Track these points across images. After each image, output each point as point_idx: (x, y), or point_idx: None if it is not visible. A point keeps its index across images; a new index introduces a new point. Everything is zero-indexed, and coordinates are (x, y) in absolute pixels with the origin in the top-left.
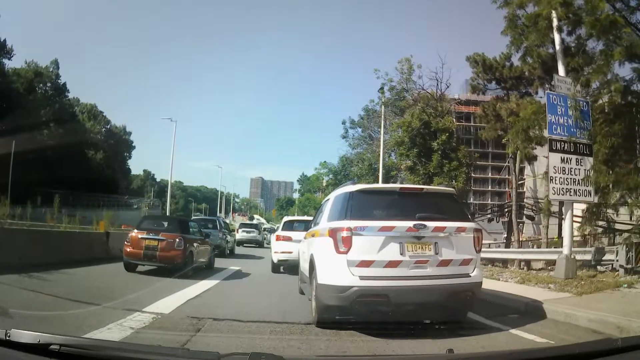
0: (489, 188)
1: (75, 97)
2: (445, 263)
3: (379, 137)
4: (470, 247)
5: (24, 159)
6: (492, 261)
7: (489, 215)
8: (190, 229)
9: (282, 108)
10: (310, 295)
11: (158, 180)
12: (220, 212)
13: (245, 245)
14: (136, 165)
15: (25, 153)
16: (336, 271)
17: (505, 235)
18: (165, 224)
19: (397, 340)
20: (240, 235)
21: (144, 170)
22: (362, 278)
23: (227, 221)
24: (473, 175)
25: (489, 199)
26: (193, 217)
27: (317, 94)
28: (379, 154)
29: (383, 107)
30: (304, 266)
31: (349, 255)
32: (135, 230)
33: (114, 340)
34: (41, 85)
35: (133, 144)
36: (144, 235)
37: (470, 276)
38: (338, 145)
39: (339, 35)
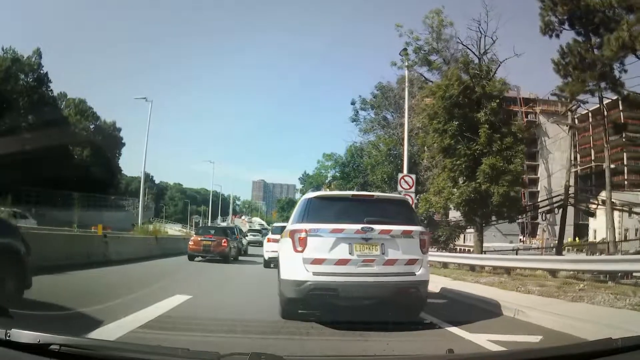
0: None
1: (63, 92)
2: (391, 262)
3: (395, 120)
4: (416, 248)
5: None
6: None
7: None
8: (229, 234)
9: (284, 109)
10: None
11: (157, 182)
12: (216, 215)
13: (251, 244)
14: (135, 167)
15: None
16: (294, 268)
17: (524, 237)
18: (214, 231)
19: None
20: (249, 237)
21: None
22: (315, 274)
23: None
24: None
25: None
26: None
27: (318, 93)
28: (397, 137)
29: (407, 71)
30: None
31: (305, 254)
32: (195, 235)
33: (114, 340)
34: (22, 76)
35: (123, 141)
36: (202, 238)
37: (415, 275)
38: (345, 135)
39: (341, 28)
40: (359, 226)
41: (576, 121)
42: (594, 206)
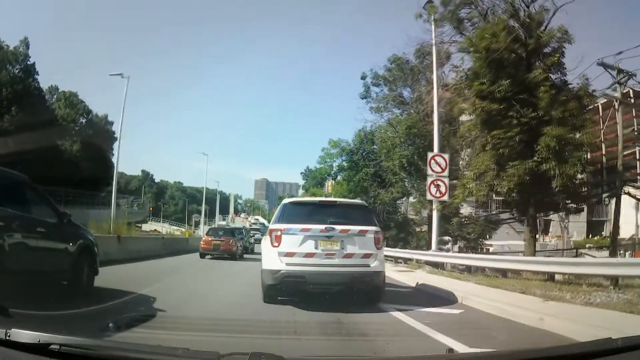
0: None
1: (54, 85)
2: (349, 256)
3: (414, 96)
4: (371, 245)
5: None
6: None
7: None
8: (236, 235)
9: (287, 106)
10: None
11: (157, 181)
12: (214, 214)
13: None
14: (135, 166)
15: None
16: (271, 260)
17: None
18: (222, 232)
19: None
20: (256, 236)
21: (142, 171)
22: (287, 264)
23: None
24: None
25: None
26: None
27: (325, 83)
28: (418, 114)
29: (434, 25)
30: None
31: (279, 249)
32: (206, 235)
33: (114, 340)
34: (8, 66)
35: (115, 135)
36: (212, 238)
37: (370, 266)
38: (355, 113)
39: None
40: (323, 226)
41: (631, 93)
42: None
